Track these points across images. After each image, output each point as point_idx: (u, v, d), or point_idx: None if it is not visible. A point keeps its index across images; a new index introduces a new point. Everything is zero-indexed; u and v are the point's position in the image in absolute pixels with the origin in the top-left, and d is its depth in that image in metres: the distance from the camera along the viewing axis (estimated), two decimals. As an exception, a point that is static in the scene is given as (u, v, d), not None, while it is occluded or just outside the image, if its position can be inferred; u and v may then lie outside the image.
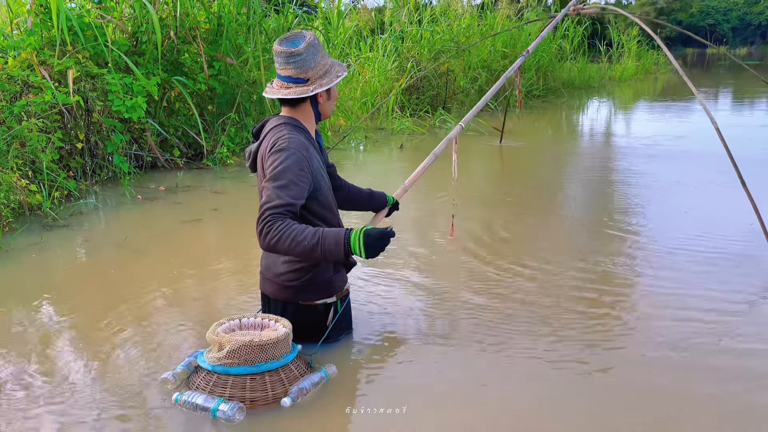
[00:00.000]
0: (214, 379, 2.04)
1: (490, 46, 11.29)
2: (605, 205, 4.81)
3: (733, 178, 3.45)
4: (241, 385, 2.01)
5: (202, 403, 1.96)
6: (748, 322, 2.68)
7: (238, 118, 6.49)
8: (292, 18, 7.28)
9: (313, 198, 2.25)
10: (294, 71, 2.21)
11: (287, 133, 2.19)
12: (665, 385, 2.16)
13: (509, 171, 6.40)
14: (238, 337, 2.08)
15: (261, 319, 2.25)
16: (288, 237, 2.00)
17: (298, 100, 2.26)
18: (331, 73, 2.27)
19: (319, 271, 2.32)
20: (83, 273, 3.43)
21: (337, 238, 2.05)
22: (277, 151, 2.15)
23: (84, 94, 4.97)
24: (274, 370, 2.06)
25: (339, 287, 2.41)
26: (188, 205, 4.71)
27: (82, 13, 5.42)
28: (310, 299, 2.34)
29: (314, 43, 2.22)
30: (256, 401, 2.01)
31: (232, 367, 2.02)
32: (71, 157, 5.11)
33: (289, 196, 2.07)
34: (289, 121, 2.27)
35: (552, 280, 3.16)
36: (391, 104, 9.01)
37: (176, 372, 2.13)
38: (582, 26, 15.40)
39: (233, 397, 1.99)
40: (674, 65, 4.04)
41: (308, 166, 2.17)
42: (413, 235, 3.92)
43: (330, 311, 2.39)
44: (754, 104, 12.18)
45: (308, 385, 2.07)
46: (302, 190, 2.13)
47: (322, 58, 2.25)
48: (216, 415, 1.93)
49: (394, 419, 1.99)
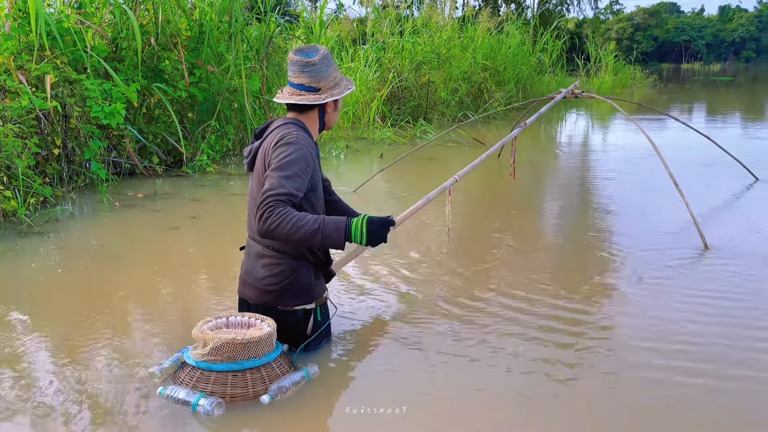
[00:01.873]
0: (198, 375, 2.09)
1: (470, 59, 11.42)
2: (586, 210, 4.88)
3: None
4: (222, 382, 2.07)
5: (184, 397, 2.02)
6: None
7: (219, 125, 6.47)
8: (274, 27, 7.29)
9: (306, 198, 2.30)
10: (307, 80, 2.32)
11: (295, 131, 2.28)
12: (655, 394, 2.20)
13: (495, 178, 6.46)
14: (222, 334, 2.13)
15: (248, 318, 2.29)
16: (289, 221, 2.05)
17: (307, 107, 2.36)
18: (340, 85, 2.40)
19: (299, 276, 2.35)
20: (58, 280, 3.38)
21: (338, 224, 2.12)
22: (286, 144, 2.22)
23: (62, 100, 4.92)
24: (256, 368, 2.11)
25: (318, 294, 2.44)
26: (167, 213, 4.67)
27: (61, 18, 5.38)
28: (290, 304, 2.35)
29: (328, 56, 2.35)
30: (236, 397, 2.06)
31: (215, 364, 2.07)
32: (48, 163, 5.04)
33: (292, 187, 2.13)
34: (295, 121, 2.35)
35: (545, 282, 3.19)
36: (373, 114, 9.05)
37: (163, 367, 2.18)
38: (561, 40, 15.67)
39: (215, 393, 2.05)
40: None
41: (311, 163, 2.26)
42: (403, 241, 3.93)
43: (309, 318, 2.41)
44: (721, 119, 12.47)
45: (288, 383, 2.13)
46: (304, 183, 2.20)
47: (333, 71, 2.37)
48: (196, 408, 1.99)
49: (370, 419, 2.01)
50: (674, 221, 4.31)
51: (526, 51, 13.43)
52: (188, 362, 2.14)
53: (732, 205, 5.03)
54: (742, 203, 5.08)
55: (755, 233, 4.11)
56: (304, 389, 2.17)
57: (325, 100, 2.33)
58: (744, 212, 4.70)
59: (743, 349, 2.50)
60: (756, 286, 3.19)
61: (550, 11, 27.49)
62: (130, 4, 5.91)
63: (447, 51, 10.99)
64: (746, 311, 2.87)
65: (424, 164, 6.68)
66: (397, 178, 5.93)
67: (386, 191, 5.52)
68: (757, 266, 3.46)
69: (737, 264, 3.49)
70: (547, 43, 15.01)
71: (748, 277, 3.30)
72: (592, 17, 36.58)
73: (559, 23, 16.02)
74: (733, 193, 5.32)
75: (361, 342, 2.59)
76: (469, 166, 3.50)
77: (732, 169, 5.81)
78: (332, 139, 8.33)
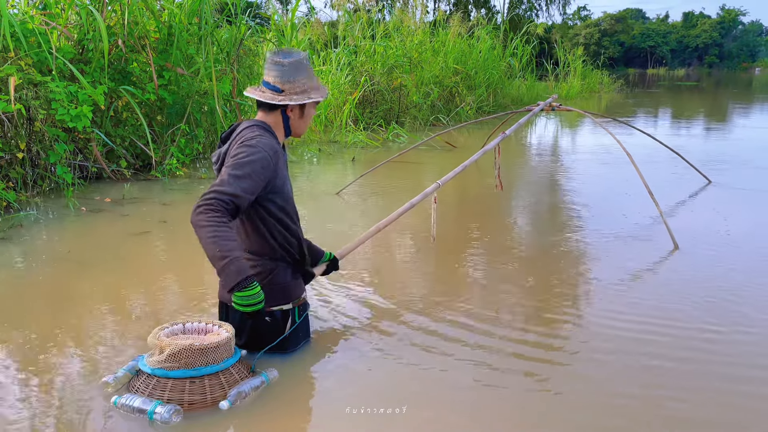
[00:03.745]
0: (154, 383, 2.04)
1: (442, 63, 11.50)
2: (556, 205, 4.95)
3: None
4: (180, 389, 2.03)
5: (140, 405, 1.97)
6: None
7: (189, 128, 6.39)
8: (245, 29, 7.24)
9: (271, 200, 2.27)
10: (273, 79, 2.30)
11: (258, 134, 2.25)
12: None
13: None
14: (179, 341, 2.09)
15: (204, 324, 2.26)
16: (212, 232, 1.99)
17: (273, 107, 2.33)
18: (307, 93, 2.33)
19: (276, 277, 2.35)
20: (23, 286, 3.29)
21: (242, 271, 2.03)
22: (246, 145, 2.19)
23: (26, 103, 4.80)
24: (214, 373, 2.07)
25: (296, 295, 2.44)
26: (135, 217, 4.59)
27: (26, 19, 5.25)
28: (267, 305, 2.32)
29: (301, 62, 2.31)
30: (194, 404, 2.02)
31: (171, 371, 2.02)
32: (11, 167, 4.91)
33: (240, 188, 2.09)
34: (261, 124, 2.32)
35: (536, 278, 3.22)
36: (345, 117, 9.04)
37: (117, 375, 2.14)
38: (530, 45, 15.88)
39: (172, 400, 2.00)
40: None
41: (271, 167, 2.21)
42: (382, 242, 3.93)
43: (288, 319, 2.40)
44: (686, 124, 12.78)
45: (247, 388, 2.09)
46: (256, 185, 2.15)
47: (303, 78, 2.32)
48: (152, 416, 1.94)
49: (338, 423, 2.00)
50: (645, 222, 4.41)
51: (496, 55, 13.58)
52: (143, 369, 2.07)
53: (692, 205, 5.16)
54: (703, 203, 5.22)
55: (725, 234, 4.22)
56: (262, 393, 2.14)
57: (281, 102, 2.29)
58: (711, 213, 4.83)
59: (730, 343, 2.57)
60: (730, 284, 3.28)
61: (519, 16, 27.83)
62: (96, 5, 5.81)
63: (418, 55, 11.05)
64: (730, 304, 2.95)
65: (398, 167, 6.69)
66: (372, 181, 5.93)
67: (362, 194, 5.51)
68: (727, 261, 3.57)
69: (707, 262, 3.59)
70: (517, 47, 15.21)
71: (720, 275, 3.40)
72: (560, 23, 37.07)
73: (529, 28, 16.25)
74: (690, 194, 5.49)
75: (342, 343, 2.58)
76: (452, 173, 3.53)
77: (692, 173, 5.97)
78: (304, 142, 8.30)
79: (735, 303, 3.02)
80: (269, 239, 2.32)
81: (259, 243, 2.33)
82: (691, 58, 76.40)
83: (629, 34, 74.34)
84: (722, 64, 73.56)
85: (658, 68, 70.18)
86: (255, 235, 2.33)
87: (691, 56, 76.53)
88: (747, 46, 75.85)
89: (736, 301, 3.05)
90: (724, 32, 75.03)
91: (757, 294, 3.14)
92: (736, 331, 2.72)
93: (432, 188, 3.24)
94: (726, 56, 74.69)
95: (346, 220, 4.72)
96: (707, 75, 53.34)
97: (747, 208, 5.06)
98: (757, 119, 13.93)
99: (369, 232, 2.98)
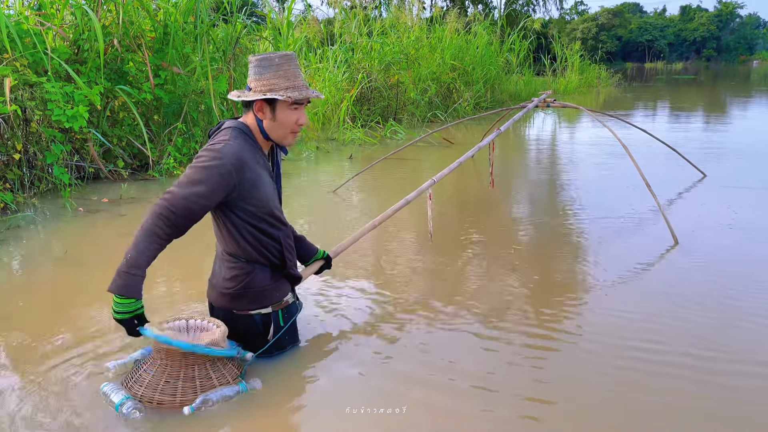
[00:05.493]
0: (136, 376, 2.12)
1: (439, 59, 11.48)
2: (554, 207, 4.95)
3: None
4: (154, 386, 2.08)
5: (111, 396, 2.05)
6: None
7: (186, 128, 6.38)
8: (241, 28, 7.22)
9: (240, 207, 2.20)
10: (249, 78, 2.24)
11: (230, 139, 2.16)
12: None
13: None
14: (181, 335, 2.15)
15: (207, 323, 2.26)
16: (139, 236, 2.08)
17: (248, 107, 2.25)
18: (274, 91, 2.17)
19: (254, 280, 2.30)
20: (20, 288, 3.28)
21: (127, 288, 2.01)
22: (210, 150, 2.13)
23: (22, 103, 4.79)
24: (195, 367, 2.10)
25: (277, 298, 2.36)
26: (133, 217, 4.58)
27: (20, 20, 5.24)
28: (244, 308, 2.31)
29: (272, 61, 2.19)
30: (163, 404, 2.06)
31: (174, 340, 2.05)
32: (8, 169, 4.90)
33: (193, 193, 2.07)
34: (240, 126, 2.23)
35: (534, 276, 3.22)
36: (342, 115, 9.03)
37: (118, 363, 2.23)
38: (527, 40, 15.86)
39: (144, 396, 2.06)
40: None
41: (232, 176, 2.11)
42: (379, 240, 3.93)
43: (270, 323, 2.35)
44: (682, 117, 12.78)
45: (216, 397, 2.08)
46: (212, 192, 2.09)
47: (272, 77, 2.18)
48: (118, 409, 2.01)
49: (338, 423, 2.00)
50: (644, 216, 4.41)
51: (493, 51, 13.56)
52: (147, 335, 2.04)
53: (690, 200, 5.16)
54: (701, 197, 5.22)
55: (728, 228, 4.22)
56: (236, 402, 2.11)
57: (239, 98, 2.21)
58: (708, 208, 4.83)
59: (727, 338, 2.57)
60: (726, 280, 3.27)
61: (516, 12, 27.81)
62: (91, 5, 5.79)
63: (415, 51, 11.04)
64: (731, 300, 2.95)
65: (396, 164, 6.69)
66: (369, 178, 5.93)
67: (359, 191, 5.50)
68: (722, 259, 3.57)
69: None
70: (514, 43, 15.20)
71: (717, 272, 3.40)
72: (557, 17, 37.14)
73: (526, 23, 16.23)
74: (687, 188, 5.48)
75: (341, 343, 2.57)
76: (447, 169, 3.51)
77: (686, 166, 5.96)
78: (302, 140, 8.29)
79: (734, 298, 3.03)
80: (242, 243, 2.25)
81: (233, 245, 2.27)
82: (688, 52, 76.34)
83: (627, 28, 74.23)
84: (720, 57, 73.51)
85: (656, 62, 70.18)
86: (229, 238, 2.27)
87: (689, 50, 76.47)
88: (745, 39, 75.78)
89: (735, 296, 3.05)
90: (721, 25, 74.94)
91: (757, 289, 3.14)
92: (733, 326, 2.72)
93: (427, 185, 3.22)
94: (724, 49, 74.63)
95: (343, 217, 4.72)
96: (705, 68, 53.30)
97: (745, 201, 5.05)
98: (755, 111, 13.91)
99: (363, 229, 2.98)
